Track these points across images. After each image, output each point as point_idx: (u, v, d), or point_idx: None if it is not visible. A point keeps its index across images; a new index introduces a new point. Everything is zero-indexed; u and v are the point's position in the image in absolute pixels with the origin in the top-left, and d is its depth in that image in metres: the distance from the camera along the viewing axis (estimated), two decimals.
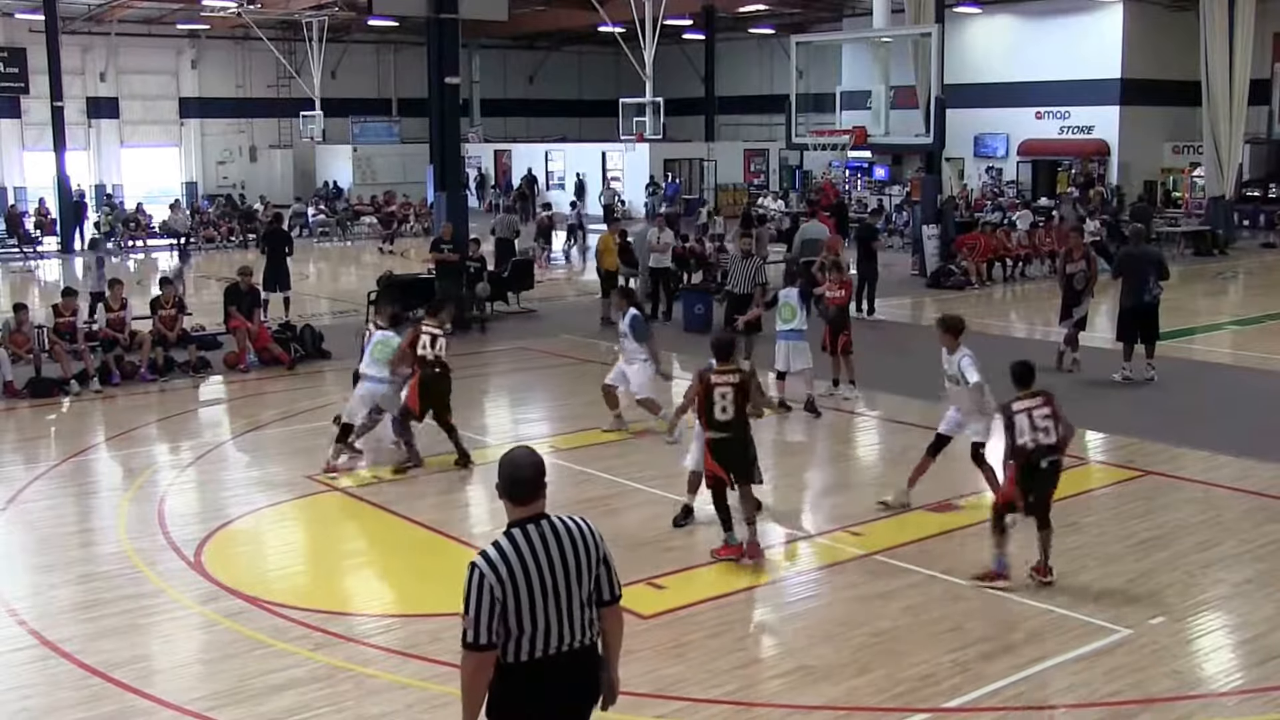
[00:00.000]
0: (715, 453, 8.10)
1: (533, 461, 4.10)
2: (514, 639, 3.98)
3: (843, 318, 12.95)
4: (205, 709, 6.19)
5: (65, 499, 10.17)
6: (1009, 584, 7.59)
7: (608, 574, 4.14)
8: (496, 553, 3.96)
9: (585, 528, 4.13)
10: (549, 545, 4.01)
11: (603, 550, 4.14)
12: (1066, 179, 35.24)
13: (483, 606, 3.91)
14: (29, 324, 14.45)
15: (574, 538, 4.06)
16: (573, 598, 4.02)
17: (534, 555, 3.97)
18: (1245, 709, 6.13)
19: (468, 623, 3.93)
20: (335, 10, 37.87)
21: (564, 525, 4.08)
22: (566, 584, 4.00)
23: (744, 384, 8.08)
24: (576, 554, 4.04)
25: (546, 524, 4.04)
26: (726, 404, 8.01)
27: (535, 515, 4.04)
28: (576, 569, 4.03)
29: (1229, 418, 12.36)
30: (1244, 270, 25.76)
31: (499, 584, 3.92)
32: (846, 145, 23.86)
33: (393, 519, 9.31)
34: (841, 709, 6.14)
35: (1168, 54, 32.41)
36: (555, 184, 43.01)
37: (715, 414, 8.04)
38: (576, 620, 4.04)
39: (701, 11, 39.84)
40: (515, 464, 4.07)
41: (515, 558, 3.95)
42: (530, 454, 4.15)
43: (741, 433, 8.12)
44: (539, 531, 4.01)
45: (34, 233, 31.98)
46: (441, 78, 17.93)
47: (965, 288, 22.18)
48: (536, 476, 4.07)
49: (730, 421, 8.04)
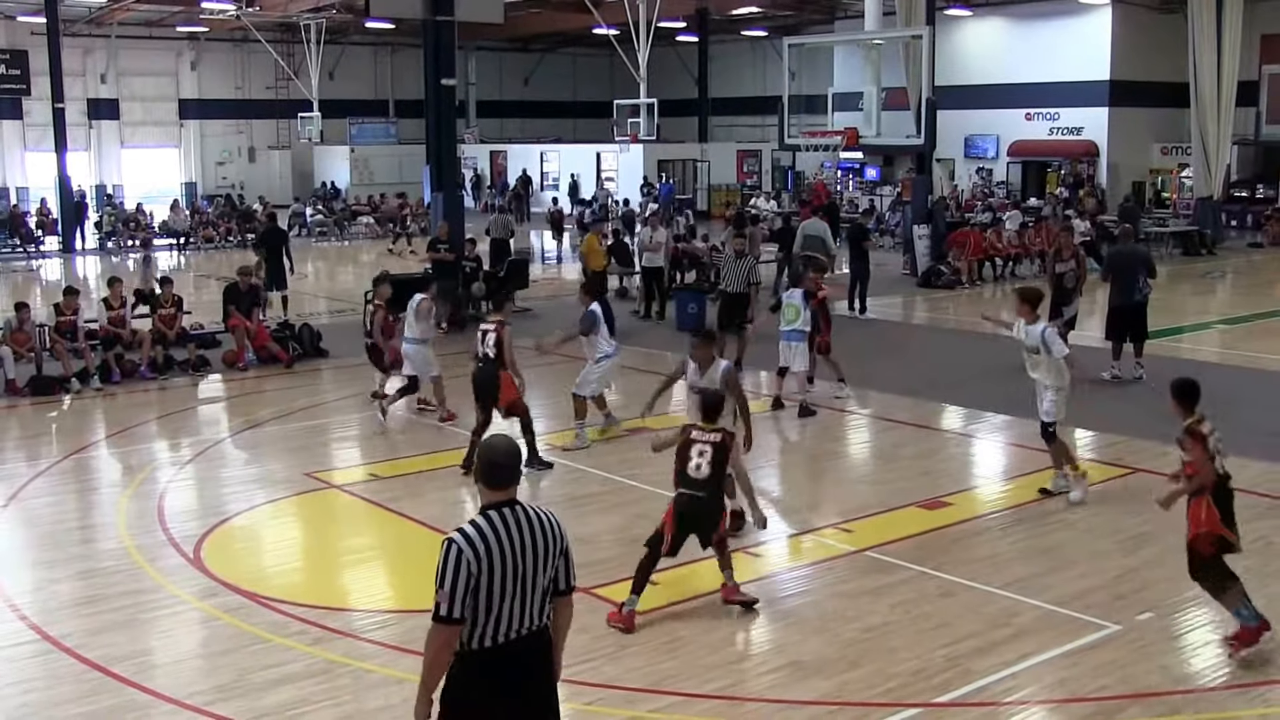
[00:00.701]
0: (678, 510, 7.28)
1: (511, 449, 4.26)
2: (479, 623, 4.08)
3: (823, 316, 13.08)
4: (204, 703, 6.23)
5: (66, 496, 10.23)
6: (1270, 633, 6.63)
7: (566, 565, 4.28)
8: (474, 530, 4.09)
9: (551, 518, 4.26)
10: (521, 530, 4.13)
11: (565, 541, 4.27)
12: (1056, 180, 35.42)
13: (459, 581, 4.03)
14: (30, 322, 14.55)
15: (543, 526, 4.19)
16: (536, 583, 4.16)
17: (508, 537, 4.10)
18: (1232, 704, 6.16)
19: (442, 596, 4.04)
20: (333, 13, 37.99)
21: (534, 513, 4.21)
22: (533, 569, 4.14)
23: (724, 445, 7.31)
24: (545, 541, 4.18)
25: (520, 509, 4.18)
26: (703, 462, 7.23)
27: (508, 500, 4.18)
28: (544, 556, 4.17)
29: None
30: (1231, 270, 25.89)
31: (475, 560, 4.04)
32: (838, 146, 24.02)
33: (390, 516, 9.37)
34: (833, 704, 6.16)
35: (1156, 56, 32.54)
36: (549, 185, 43.12)
37: (689, 471, 7.27)
38: (535, 606, 4.18)
39: (695, 14, 39.95)
40: (495, 450, 4.22)
41: (492, 537, 4.08)
42: (509, 442, 4.32)
43: (715, 494, 7.34)
44: (513, 516, 4.15)
45: (36, 232, 32.10)
46: (438, 79, 18.03)
47: (956, 287, 22.31)
48: (514, 463, 4.23)
49: (705, 481, 7.24)
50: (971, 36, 36.34)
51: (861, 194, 36.89)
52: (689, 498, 7.26)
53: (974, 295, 22.02)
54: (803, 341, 12.29)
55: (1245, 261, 27.28)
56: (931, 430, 12.09)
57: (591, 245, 19.18)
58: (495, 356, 10.30)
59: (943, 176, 32.78)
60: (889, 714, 6.09)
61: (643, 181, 38.72)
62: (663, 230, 19.84)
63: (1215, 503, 6.60)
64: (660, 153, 40.33)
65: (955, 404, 13.07)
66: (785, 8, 39.50)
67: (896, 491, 9.73)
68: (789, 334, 12.32)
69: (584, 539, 8.78)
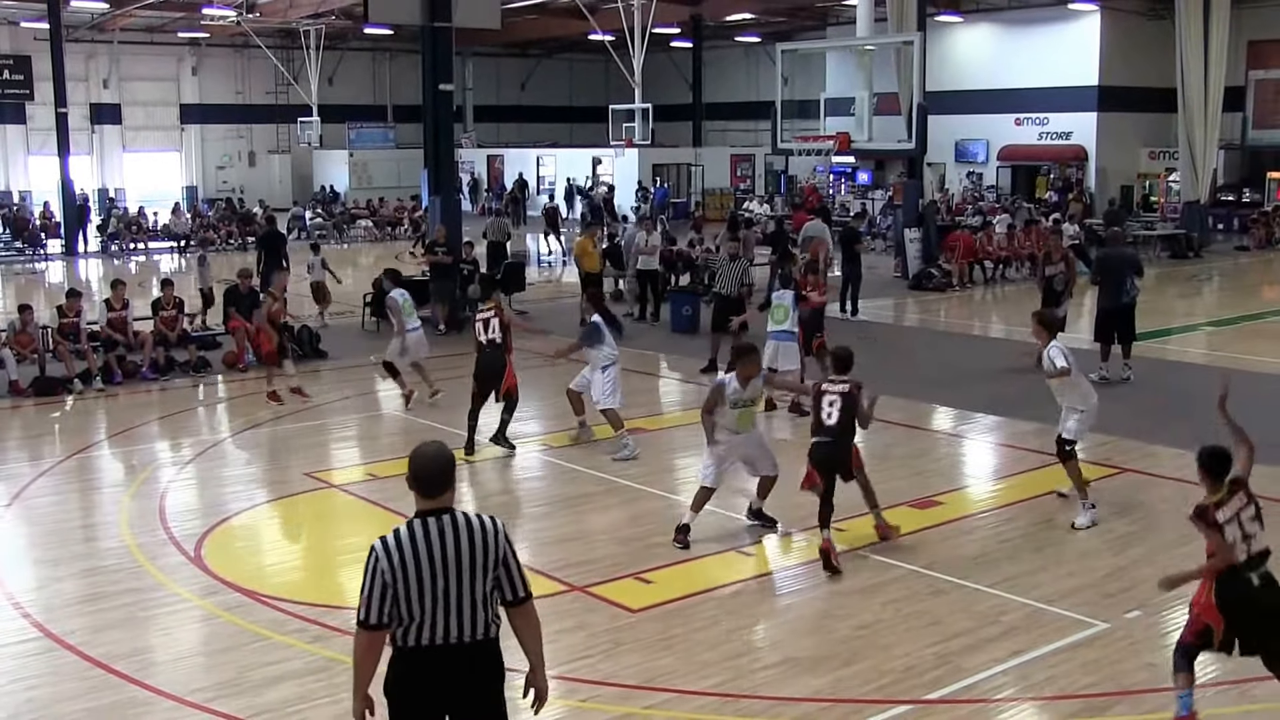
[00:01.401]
0: (815, 456, 8.18)
1: (442, 457, 4.19)
2: (405, 625, 4.10)
3: (817, 320, 13.16)
4: (205, 700, 6.25)
5: (69, 495, 10.31)
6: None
7: (508, 574, 4.19)
8: (394, 539, 4.10)
9: (490, 527, 4.18)
10: (445, 539, 4.09)
11: (502, 552, 4.17)
12: (1045, 183, 35.60)
13: (374, 588, 4.07)
14: (33, 324, 14.63)
15: (474, 535, 4.12)
16: (464, 593, 4.09)
17: (429, 547, 4.07)
18: (1218, 700, 6.19)
19: (361, 601, 4.11)
20: (332, 19, 38.15)
21: (466, 522, 4.14)
22: (459, 579, 4.08)
23: (852, 395, 8.13)
24: (473, 551, 4.10)
25: (449, 518, 4.13)
26: (833, 411, 8.13)
27: (440, 508, 4.14)
28: (471, 565, 4.10)
29: (1203, 416, 12.41)
30: (1218, 273, 26.07)
31: (389, 570, 4.06)
32: (831, 150, 24.10)
33: (388, 514, 9.32)
34: (826, 700, 6.20)
35: (1144, 62, 32.71)
36: (546, 189, 43.24)
37: (822, 419, 8.22)
38: (467, 615, 4.11)
39: (689, 20, 40.04)
40: (425, 458, 4.17)
41: (409, 546, 4.07)
42: (440, 449, 4.23)
43: (845, 438, 8.20)
44: (439, 525, 4.11)
45: (40, 235, 32.23)
46: (435, 84, 18.11)
47: (946, 289, 22.44)
48: (444, 471, 4.16)
49: (833, 427, 8.16)
50: (962, 42, 36.52)
51: (853, 198, 37.02)
52: (820, 444, 8.16)
53: (964, 297, 22.17)
54: (792, 341, 12.34)
55: (1232, 264, 27.47)
56: (922, 431, 12.18)
57: (584, 247, 19.28)
58: (501, 341, 10.59)
59: (933, 181, 33.00)
60: (881, 710, 6.13)
61: (637, 185, 38.83)
62: (657, 234, 19.94)
63: (1218, 588, 5.61)
64: (655, 157, 40.45)
65: (946, 405, 13.17)
66: (778, 14, 39.66)
67: (888, 491, 9.72)
68: (777, 334, 12.34)
69: (580, 538, 8.89)
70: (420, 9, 17.75)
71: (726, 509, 9.56)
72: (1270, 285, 25.11)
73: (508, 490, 10.37)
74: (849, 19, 32.71)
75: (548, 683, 4.42)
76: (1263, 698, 6.20)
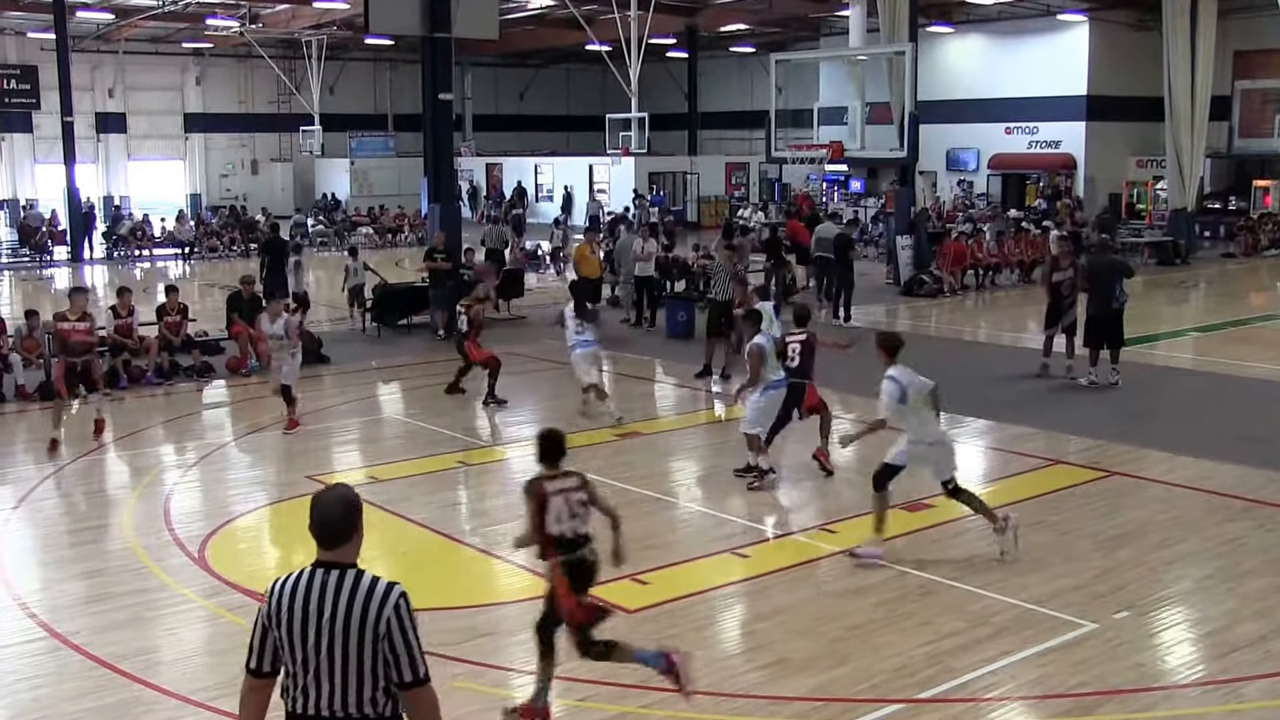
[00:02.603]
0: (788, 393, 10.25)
1: (338, 504, 3.68)
2: (288, 687, 3.68)
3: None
4: (209, 699, 6.29)
5: (75, 497, 10.40)
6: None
7: (393, 653, 3.59)
8: (281, 582, 3.67)
9: (380, 596, 3.60)
10: (326, 597, 3.58)
11: (387, 626, 3.58)
12: (1035, 191, 35.79)
13: (255, 630, 3.71)
14: (40, 330, 14.61)
15: (357, 600, 3.58)
16: (347, 661, 3.59)
17: (308, 601, 3.59)
18: (1206, 700, 6.26)
19: (248, 642, 3.75)
20: (334, 29, 38.40)
21: (356, 584, 3.61)
22: (339, 644, 3.58)
23: (810, 341, 10.22)
24: (355, 618, 3.57)
25: (337, 575, 3.62)
26: (795, 355, 10.11)
27: (333, 562, 3.64)
28: (349, 632, 3.57)
29: (1190, 421, 12.67)
30: (1205, 279, 26.19)
31: (268, 613, 3.66)
32: (824, 159, 24.33)
33: (388, 517, 9.45)
34: (819, 700, 6.24)
35: (1132, 72, 32.82)
36: (544, 196, 43.44)
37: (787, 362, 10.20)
38: (352, 688, 3.61)
39: (685, 31, 40.21)
40: (321, 506, 3.69)
41: (290, 595, 3.62)
42: (340, 497, 3.71)
43: (804, 376, 10.19)
44: (325, 579, 3.61)
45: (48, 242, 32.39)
46: (435, 94, 18.25)
47: (938, 295, 22.58)
48: (340, 521, 3.66)
49: (797, 369, 10.17)
50: (953, 53, 36.69)
51: (846, 205, 37.18)
52: (790, 382, 10.13)
53: (955, 303, 22.29)
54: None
55: (1218, 271, 27.61)
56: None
57: (582, 253, 19.49)
58: (467, 330, 13.21)
59: (925, 188, 33.17)
60: (873, 710, 6.15)
61: (634, 193, 38.99)
62: (653, 241, 20.11)
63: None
64: (651, 165, 40.62)
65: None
66: (772, 25, 39.81)
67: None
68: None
69: None
70: (420, 20, 17.88)
71: (722, 511, 9.70)
72: (1256, 291, 25.29)
73: (506, 491, 10.46)
74: (842, 30, 32.87)
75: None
76: (1253, 697, 6.27)
